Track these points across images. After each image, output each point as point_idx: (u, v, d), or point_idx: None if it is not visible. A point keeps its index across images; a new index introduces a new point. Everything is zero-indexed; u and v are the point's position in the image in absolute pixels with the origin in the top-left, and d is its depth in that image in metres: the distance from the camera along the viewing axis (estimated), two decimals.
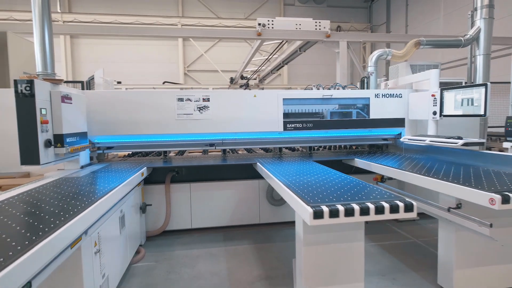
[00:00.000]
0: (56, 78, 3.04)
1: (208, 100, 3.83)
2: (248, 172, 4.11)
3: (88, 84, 5.85)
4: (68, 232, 1.62)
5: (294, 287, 2.46)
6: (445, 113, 3.61)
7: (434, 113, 3.72)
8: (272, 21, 6.53)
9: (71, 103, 3.08)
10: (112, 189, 2.38)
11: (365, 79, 4.47)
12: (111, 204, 2.32)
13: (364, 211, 1.90)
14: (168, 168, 3.93)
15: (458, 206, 2.50)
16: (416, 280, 2.87)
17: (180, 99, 3.78)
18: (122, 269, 2.85)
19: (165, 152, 4.24)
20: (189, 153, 4.92)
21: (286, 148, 4.94)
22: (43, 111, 2.72)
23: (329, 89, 4.35)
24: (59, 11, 14.22)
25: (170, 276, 3.01)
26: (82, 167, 3.45)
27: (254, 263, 3.25)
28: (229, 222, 4.14)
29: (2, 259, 1.20)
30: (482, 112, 3.17)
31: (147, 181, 3.86)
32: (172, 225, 3.98)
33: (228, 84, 15.04)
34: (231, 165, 3.96)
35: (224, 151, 4.37)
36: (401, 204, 1.94)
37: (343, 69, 6.98)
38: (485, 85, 3.14)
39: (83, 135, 3.38)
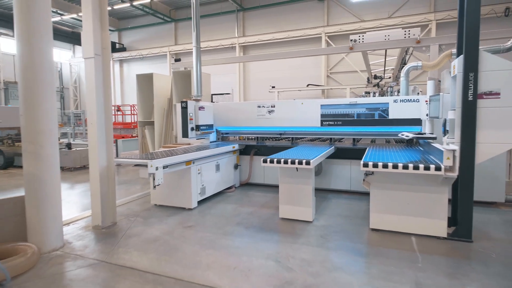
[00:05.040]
0: (198, 98, 6.39)
1: (274, 106, 6.37)
2: None
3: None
4: (183, 157, 4.74)
5: None
6: (430, 115, 4.67)
7: (427, 115, 4.80)
8: (363, 36, 8.08)
9: (204, 110, 6.40)
10: (207, 148, 5.44)
11: (388, 88, 5.72)
12: (205, 155, 5.37)
13: (285, 162, 4.07)
14: (252, 146, 6.74)
15: (372, 173, 4.03)
16: (365, 222, 4.44)
17: (258, 106, 6.50)
18: (216, 189, 5.93)
19: (257, 137, 7.10)
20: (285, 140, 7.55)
21: (354, 139, 6.67)
22: (191, 114, 6.10)
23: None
24: (236, 36, 19.61)
25: (239, 200, 5.84)
26: (210, 142, 6.79)
27: None
28: None
29: (161, 157, 4.38)
30: (439, 115, 4.23)
31: (243, 152, 6.82)
32: (253, 179, 6.78)
33: (365, 83, 16.24)
34: (286, 146, 6.34)
35: (292, 138, 6.78)
36: (302, 160, 3.97)
37: (433, 74, 7.58)
38: (438, 95, 4.19)
39: (210, 126, 6.70)
